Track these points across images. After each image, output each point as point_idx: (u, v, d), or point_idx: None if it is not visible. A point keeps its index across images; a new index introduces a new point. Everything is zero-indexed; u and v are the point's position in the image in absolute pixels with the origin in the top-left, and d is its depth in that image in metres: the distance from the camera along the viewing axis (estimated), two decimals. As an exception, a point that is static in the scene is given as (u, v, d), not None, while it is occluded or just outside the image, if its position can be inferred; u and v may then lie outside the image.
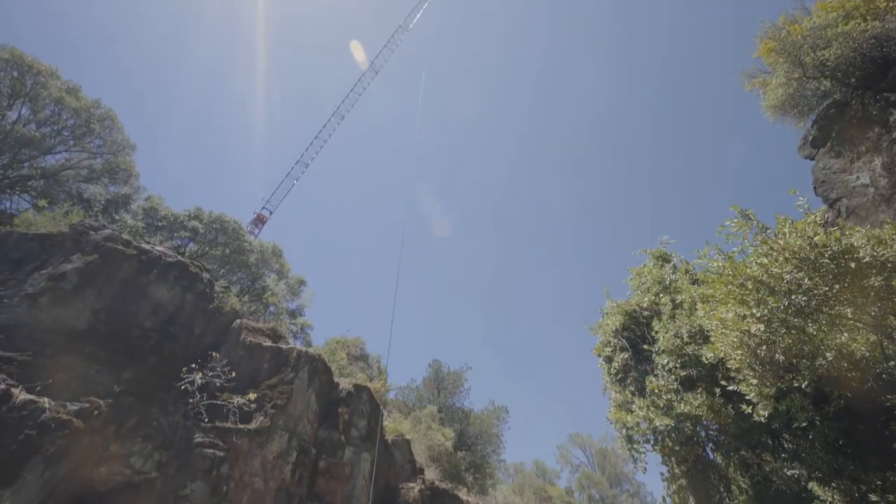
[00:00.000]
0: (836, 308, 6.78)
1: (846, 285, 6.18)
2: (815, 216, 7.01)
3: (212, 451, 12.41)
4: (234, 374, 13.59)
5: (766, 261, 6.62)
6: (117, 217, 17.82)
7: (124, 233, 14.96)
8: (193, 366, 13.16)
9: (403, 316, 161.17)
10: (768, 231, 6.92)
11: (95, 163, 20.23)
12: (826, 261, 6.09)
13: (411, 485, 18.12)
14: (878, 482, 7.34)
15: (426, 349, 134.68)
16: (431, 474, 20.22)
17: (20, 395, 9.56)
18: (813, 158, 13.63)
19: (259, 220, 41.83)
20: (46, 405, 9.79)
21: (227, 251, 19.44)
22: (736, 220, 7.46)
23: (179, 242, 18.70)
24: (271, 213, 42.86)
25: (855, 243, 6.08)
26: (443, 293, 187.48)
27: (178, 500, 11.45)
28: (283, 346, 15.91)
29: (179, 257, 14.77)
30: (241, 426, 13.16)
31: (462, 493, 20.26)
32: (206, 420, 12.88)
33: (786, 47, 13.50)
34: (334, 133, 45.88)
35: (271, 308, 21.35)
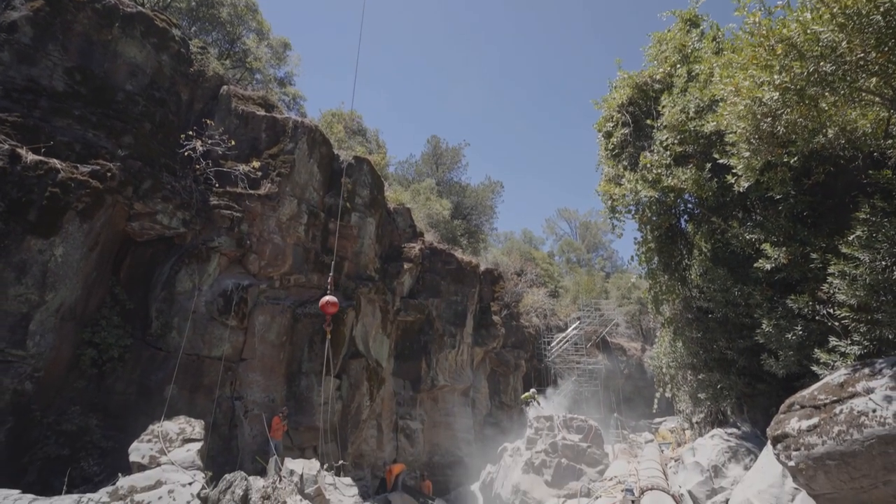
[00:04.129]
0: (861, 79, 6.33)
1: (885, 50, 5.59)
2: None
3: (229, 212, 13.57)
4: (233, 142, 13.65)
5: (808, 16, 5.80)
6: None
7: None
8: (190, 133, 13.10)
9: (402, 90, 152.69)
10: (828, -24, 5.81)
11: None
12: (878, 17, 5.33)
13: (412, 245, 20.61)
14: (823, 244, 8.28)
15: (425, 125, 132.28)
16: (430, 237, 22.70)
17: (28, 155, 9.78)
18: None
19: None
20: (59, 166, 10.14)
21: (193, 3, 16.78)
22: (795, -39, 6.19)
23: (133, -11, 15.89)
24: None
25: (922, -5, 5.21)
26: (444, 67, 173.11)
27: (210, 250, 13.15)
28: (279, 116, 15.54)
29: (140, 8, 12.86)
30: (251, 192, 14.03)
31: (457, 253, 23.23)
32: (217, 185, 13.63)
33: None
34: None
35: (257, 76, 19.93)
